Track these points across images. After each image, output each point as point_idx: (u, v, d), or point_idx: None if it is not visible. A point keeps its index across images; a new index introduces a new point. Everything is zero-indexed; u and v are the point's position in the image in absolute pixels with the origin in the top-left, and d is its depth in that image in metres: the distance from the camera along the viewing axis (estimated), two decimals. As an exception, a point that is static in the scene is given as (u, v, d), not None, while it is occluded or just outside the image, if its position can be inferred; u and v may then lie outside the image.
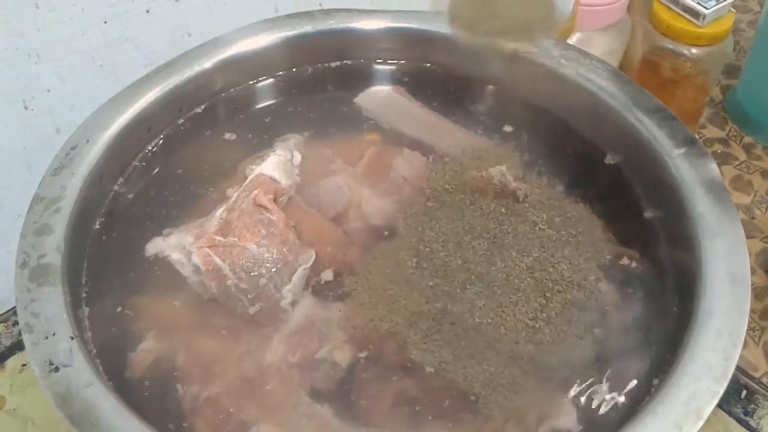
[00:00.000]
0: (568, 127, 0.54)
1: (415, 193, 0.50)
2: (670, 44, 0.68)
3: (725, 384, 0.37)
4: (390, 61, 0.60)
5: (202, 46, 0.55)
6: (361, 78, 0.59)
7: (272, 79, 0.59)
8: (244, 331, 0.44)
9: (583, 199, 0.50)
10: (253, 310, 0.44)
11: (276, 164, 0.49)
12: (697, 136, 0.51)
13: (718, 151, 0.76)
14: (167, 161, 0.53)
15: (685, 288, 0.43)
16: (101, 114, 0.50)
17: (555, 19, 0.52)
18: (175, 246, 0.46)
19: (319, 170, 0.52)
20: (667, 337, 0.42)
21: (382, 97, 0.58)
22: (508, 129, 0.55)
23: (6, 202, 0.61)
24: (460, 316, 0.43)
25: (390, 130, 0.55)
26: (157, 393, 0.41)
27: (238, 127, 0.55)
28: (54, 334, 0.38)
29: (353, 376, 0.42)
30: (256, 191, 0.46)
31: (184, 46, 0.55)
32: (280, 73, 0.59)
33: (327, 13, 0.58)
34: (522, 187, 0.49)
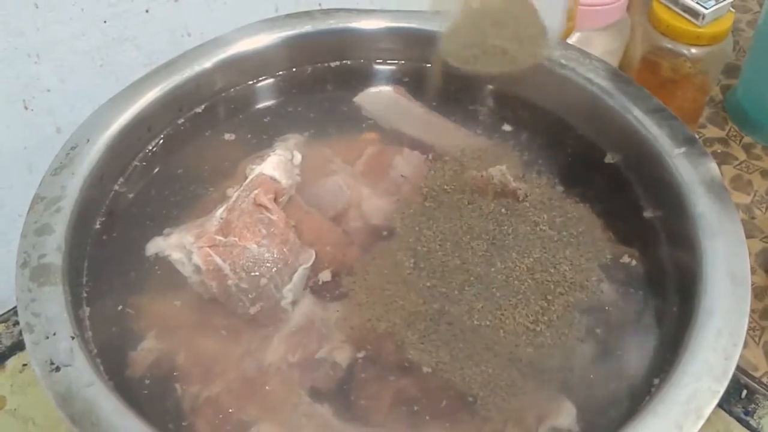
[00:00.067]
0: (568, 127, 0.54)
1: (414, 193, 0.50)
2: (669, 44, 0.68)
3: (725, 383, 0.37)
4: (390, 61, 0.60)
5: (202, 46, 0.55)
6: (361, 78, 0.59)
7: (272, 79, 0.59)
8: (245, 331, 0.44)
9: (583, 198, 0.50)
10: (254, 309, 0.44)
11: (276, 164, 0.49)
12: (697, 136, 0.51)
13: (718, 151, 0.76)
14: (167, 161, 0.53)
15: (685, 288, 0.43)
16: (101, 114, 0.50)
17: (546, 42, 0.52)
18: (176, 246, 0.46)
19: (319, 170, 0.52)
20: (668, 337, 0.42)
21: (381, 97, 0.58)
22: (508, 128, 0.55)
23: (6, 202, 0.61)
24: (458, 318, 0.43)
25: (390, 129, 0.55)
26: (158, 392, 0.41)
27: (238, 126, 0.55)
28: (55, 334, 0.39)
29: (353, 376, 0.42)
30: (257, 191, 0.46)
31: (184, 46, 0.55)
32: (280, 73, 0.59)
33: (327, 12, 0.58)
34: (522, 187, 0.49)
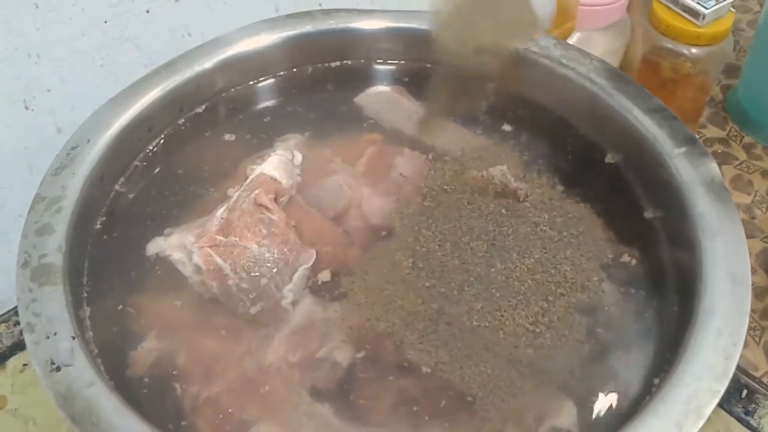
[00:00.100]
0: (569, 127, 0.54)
1: (414, 193, 0.50)
2: (669, 44, 0.68)
3: (726, 383, 0.37)
4: (390, 61, 0.60)
5: (203, 46, 0.55)
6: (362, 78, 0.59)
7: (273, 79, 0.59)
8: (245, 331, 0.44)
9: (584, 198, 0.50)
10: (254, 309, 0.44)
11: (277, 164, 0.49)
12: (697, 136, 0.51)
13: (719, 151, 0.76)
14: (168, 161, 0.53)
15: (685, 287, 0.43)
16: (102, 114, 0.50)
17: (536, 25, 0.52)
18: (176, 245, 0.46)
19: (320, 170, 0.52)
20: (668, 337, 0.42)
21: (382, 97, 0.58)
22: (508, 128, 0.55)
23: (7, 202, 0.61)
24: (457, 318, 0.43)
25: (390, 129, 0.55)
26: (158, 392, 0.41)
27: (239, 127, 0.55)
28: (55, 334, 0.39)
29: (353, 376, 0.42)
30: (257, 191, 0.46)
31: (185, 46, 0.55)
32: (280, 73, 0.59)
33: (327, 13, 0.58)
34: (522, 187, 0.49)
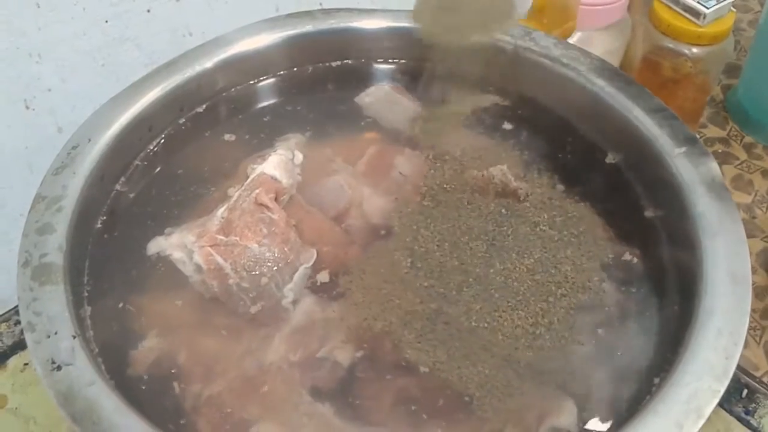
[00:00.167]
0: (569, 127, 0.54)
1: (414, 192, 0.50)
2: (670, 44, 0.68)
3: (726, 383, 0.37)
4: (390, 61, 0.60)
5: (203, 46, 0.55)
6: (362, 77, 0.59)
7: (273, 79, 0.59)
8: (246, 330, 0.44)
9: (584, 198, 0.50)
10: (255, 309, 0.44)
11: (277, 163, 0.49)
12: (697, 136, 0.51)
13: (719, 151, 0.76)
14: (168, 161, 0.53)
15: (686, 287, 0.43)
16: (102, 113, 0.50)
17: (515, 10, 0.53)
18: (177, 245, 0.46)
19: (320, 169, 0.52)
20: (668, 336, 0.42)
21: (382, 97, 0.58)
22: (508, 128, 0.55)
23: (8, 202, 0.61)
24: (456, 318, 0.43)
25: (391, 129, 0.55)
26: (159, 391, 0.41)
27: (239, 126, 0.55)
28: (56, 333, 0.39)
29: (354, 376, 0.42)
30: (258, 190, 0.46)
31: (185, 46, 0.55)
32: (280, 73, 0.59)
33: (328, 12, 0.58)
34: (523, 187, 0.49)
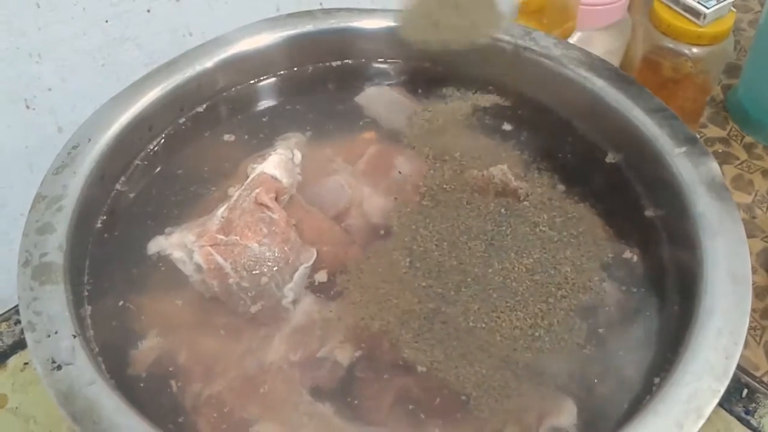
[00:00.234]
0: (569, 126, 0.54)
1: (414, 192, 0.50)
2: (670, 44, 0.68)
3: (726, 383, 0.37)
4: (391, 61, 0.60)
5: (204, 46, 0.55)
6: (362, 77, 0.59)
7: (273, 79, 0.59)
8: (246, 330, 0.44)
9: (584, 198, 0.50)
10: (255, 308, 0.44)
11: (277, 163, 0.49)
12: (698, 136, 0.51)
13: (719, 151, 0.76)
14: (169, 160, 0.53)
15: (686, 287, 0.43)
16: (103, 113, 0.50)
17: (499, 20, 0.53)
18: (177, 244, 0.46)
19: (321, 169, 0.52)
20: (668, 336, 0.42)
21: (382, 97, 0.58)
22: (508, 128, 0.55)
23: (8, 201, 0.61)
24: (453, 318, 0.43)
25: (390, 129, 0.55)
26: (159, 391, 0.41)
27: (239, 126, 0.55)
28: (56, 333, 0.39)
29: (354, 375, 0.42)
30: (258, 190, 0.46)
31: (186, 46, 0.55)
32: (281, 73, 0.59)
33: (328, 12, 0.58)
34: (523, 186, 0.49)
